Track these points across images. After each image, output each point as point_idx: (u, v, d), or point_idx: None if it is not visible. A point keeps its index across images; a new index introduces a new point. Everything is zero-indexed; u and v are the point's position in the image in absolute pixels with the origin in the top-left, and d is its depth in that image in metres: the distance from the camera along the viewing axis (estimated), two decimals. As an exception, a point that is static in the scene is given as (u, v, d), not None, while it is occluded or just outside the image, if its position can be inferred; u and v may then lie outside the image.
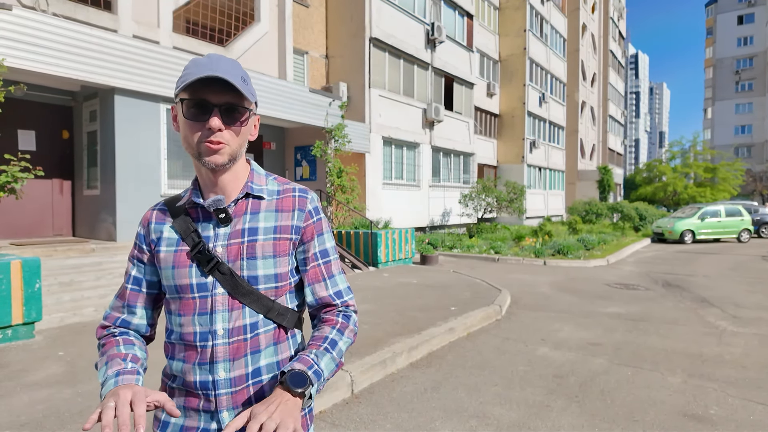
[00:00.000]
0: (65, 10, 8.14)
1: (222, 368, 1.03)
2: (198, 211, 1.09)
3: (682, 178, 35.54)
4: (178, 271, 1.06)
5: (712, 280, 9.32)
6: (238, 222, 1.08)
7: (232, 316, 1.04)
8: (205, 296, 1.04)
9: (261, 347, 1.06)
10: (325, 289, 1.14)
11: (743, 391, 3.81)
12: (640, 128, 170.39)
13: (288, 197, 1.12)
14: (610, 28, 38.40)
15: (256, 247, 1.06)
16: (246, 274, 1.05)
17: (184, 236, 1.07)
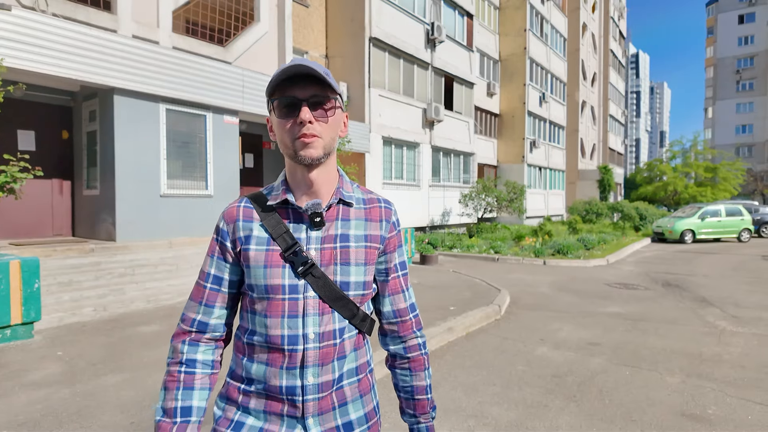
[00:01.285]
0: (65, 10, 8.13)
1: (311, 373, 1.02)
2: (288, 211, 1.09)
3: (683, 177, 35.50)
4: (270, 271, 1.04)
5: (712, 279, 9.31)
6: (330, 227, 1.08)
7: (323, 320, 1.04)
8: (296, 298, 1.03)
9: (346, 352, 1.08)
10: (404, 301, 1.18)
11: (742, 391, 3.81)
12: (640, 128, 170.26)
13: (375, 207, 1.14)
14: (610, 28, 38.38)
15: (350, 253, 1.07)
16: (339, 279, 1.05)
17: (276, 236, 1.05)
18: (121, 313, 5.69)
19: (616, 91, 40.87)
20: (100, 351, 4.42)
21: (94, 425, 3.01)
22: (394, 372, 1.22)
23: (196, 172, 8.50)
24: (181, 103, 8.19)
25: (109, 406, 3.27)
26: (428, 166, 16.53)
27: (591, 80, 34.78)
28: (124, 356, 4.26)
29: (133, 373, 3.83)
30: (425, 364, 1.20)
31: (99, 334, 4.92)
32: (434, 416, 1.21)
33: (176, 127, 8.16)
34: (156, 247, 7.33)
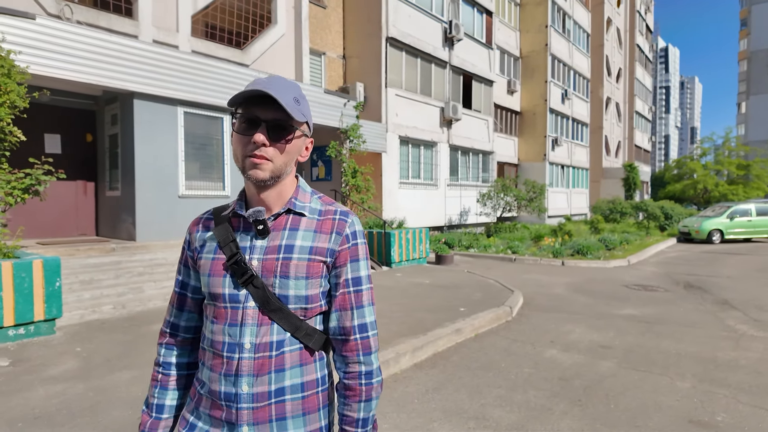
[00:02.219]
0: (89, 18, 8.43)
1: (245, 382, 1.03)
2: (240, 221, 1.11)
3: (713, 175, 34.30)
4: (212, 279, 1.07)
5: (737, 281, 9.01)
6: (276, 236, 1.08)
7: (260, 331, 1.04)
8: (237, 307, 1.05)
9: (286, 366, 1.06)
10: (351, 319, 1.12)
11: (755, 398, 3.70)
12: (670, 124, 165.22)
13: (329, 219, 1.12)
14: (636, 22, 37.35)
15: (290, 267, 1.05)
16: (278, 291, 1.05)
17: (222, 245, 1.08)
18: (139, 311, 5.88)
19: (643, 86, 39.78)
20: (117, 348, 4.58)
21: (104, 420, 3.14)
22: (337, 392, 1.17)
23: (213, 174, 8.69)
24: (198, 106, 8.39)
25: (119, 402, 3.40)
26: (446, 166, 16.46)
27: (616, 76, 33.94)
28: (137, 353, 4.41)
29: (143, 370, 3.96)
30: (361, 396, 1.11)
31: (116, 332, 5.10)
32: None
33: (194, 129, 8.36)
34: (174, 247, 7.54)
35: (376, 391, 1.14)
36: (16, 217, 7.22)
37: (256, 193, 1.07)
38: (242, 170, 1.04)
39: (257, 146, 1.01)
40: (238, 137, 1.04)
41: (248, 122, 1.02)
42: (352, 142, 11.25)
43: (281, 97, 0.99)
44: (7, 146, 5.56)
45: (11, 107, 5.49)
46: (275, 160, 1.03)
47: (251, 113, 1.02)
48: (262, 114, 1.01)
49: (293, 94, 1.04)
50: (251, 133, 1.01)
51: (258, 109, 1.01)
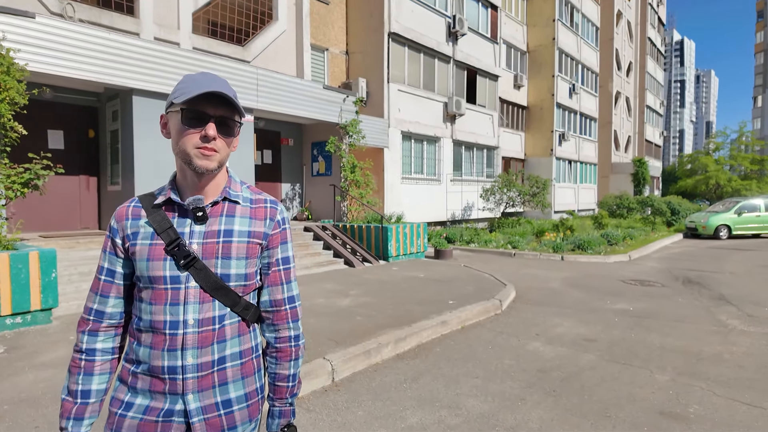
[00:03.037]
0: (91, 16, 8.60)
1: (190, 355, 1.13)
2: (175, 208, 1.19)
3: (726, 170, 33.73)
4: (152, 263, 1.14)
5: (738, 277, 8.91)
6: (214, 222, 1.18)
7: (203, 308, 1.15)
8: (178, 288, 1.14)
9: (227, 337, 1.18)
10: (281, 292, 1.28)
11: (732, 391, 3.70)
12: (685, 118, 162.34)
13: (261, 207, 1.25)
14: (648, 15, 36.76)
15: (231, 248, 1.17)
16: (220, 271, 1.16)
17: (160, 231, 1.15)
18: (135, 302, 6.02)
19: (654, 80, 39.18)
20: (109, 336, 4.72)
21: None
22: (265, 357, 1.31)
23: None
24: (197, 101, 8.50)
25: (104, 387, 3.52)
26: (449, 161, 16.44)
27: (626, 70, 33.48)
28: (128, 342, 4.55)
29: (131, 358, 4.08)
30: (292, 356, 1.29)
31: (111, 321, 5.24)
32: (291, 402, 1.30)
33: (193, 125, 8.48)
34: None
35: (302, 351, 1.33)
36: (21, 211, 7.43)
37: (197, 181, 1.16)
38: (187, 161, 1.12)
39: (208, 140, 1.11)
40: (185, 130, 1.11)
41: (197, 118, 1.11)
42: (352, 137, 11.31)
43: (233, 98, 1.12)
44: (7, 141, 5.73)
45: (11, 104, 5.65)
46: (222, 151, 1.15)
47: (200, 109, 1.10)
48: (211, 110, 1.11)
49: (232, 92, 1.14)
50: (201, 127, 1.11)
51: (207, 106, 1.11)
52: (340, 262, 9.26)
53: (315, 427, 3.15)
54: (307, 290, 6.96)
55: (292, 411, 1.31)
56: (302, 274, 8.30)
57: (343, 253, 9.42)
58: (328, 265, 8.99)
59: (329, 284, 7.43)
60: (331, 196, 11.44)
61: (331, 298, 6.46)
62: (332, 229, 10.31)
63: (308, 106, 10.52)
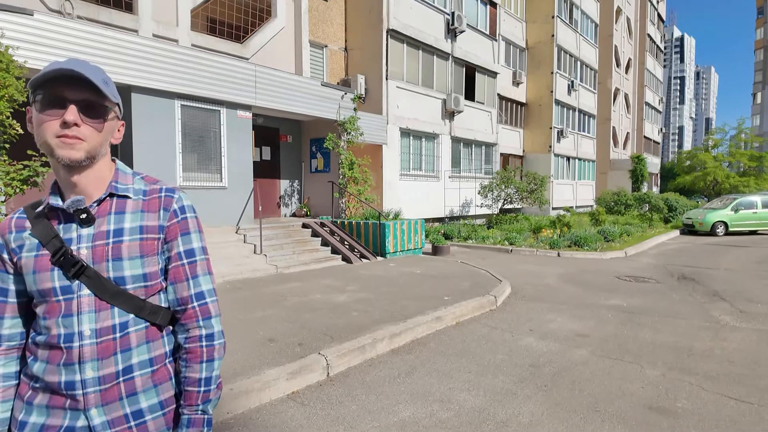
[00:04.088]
0: (89, 13, 8.62)
1: (90, 368, 1.05)
2: (59, 214, 1.10)
3: (724, 167, 33.78)
4: (39, 276, 1.06)
5: (733, 273, 8.98)
6: (102, 223, 1.09)
7: (99, 317, 1.06)
8: (70, 298, 1.06)
9: (132, 345, 1.09)
10: (187, 289, 1.16)
11: (720, 386, 3.77)
12: (684, 115, 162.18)
13: (154, 198, 1.15)
14: (648, 11, 36.71)
15: (122, 249, 1.08)
16: (112, 275, 1.07)
17: (45, 242, 1.07)
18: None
19: (654, 77, 39.16)
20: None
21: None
22: (176, 359, 1.20)
23: (211, 165, 8.87)
24: (196, 99, 8.55)
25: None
26: (448, 157, 16.49)
27: (625, 67, 33.47)
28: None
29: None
30: (202, 357, 1.16)
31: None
32: (203, 409, 1.17)
33: (191, 122, 8.53)
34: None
35: (219, 353, 1.19)
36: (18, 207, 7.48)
37: (69, 177, 1.05)
38: (50, 153, 1.02)
39: (68, 126, 0.99)
40: (43, 118, 1.00)
41: (53, 103, 1.00)
42: (350, 134, 11.35)
43: (93, 77, 1.00)
44: (6, 138, 5.77)
45: (10, 101, 5.68)
46: (90, 139, 1.03)
47: (57, 93, 1.00)
48: (71, 94, 1.00)
49: (101, 76, 1.04)
50: (59, 113, 1.00)
51: (65, 90, 1.00)
52: (337, 258, 9.33)
53: (309, 420, 3.22)
54: (306, 286, 7.02)
55: (205, 420, 1.16)
56: (300, 270, 8.37)
57: (341, 249, 9.48)
58: (326, 261, 9.05)
59: (327, 280, 7.50)
60: (330, 193, 11.49)
61: (328, 293, 6.52)
62: (330, 226, 10.36)
63: (306, 102, 10.55)
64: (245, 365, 3.81)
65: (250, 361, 3.91)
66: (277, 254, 8.68)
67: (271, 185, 11.93)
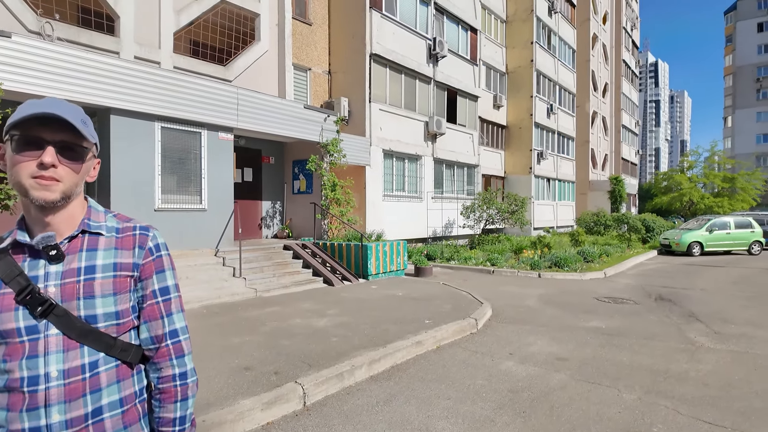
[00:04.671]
0: (70, 35, 8.59)
1: (56, 411, 1.00)
2: (25, 250, 1.06)
3: (699, 188, 34.79)
4: (1, 316, 1.01)
5: (709, 294, 9.16)
6: (73, 260, 1.06)
7: (68, 357, 1.02)
8: (36, 338, 1.01)
9: (102, 385, 1.06)
10: (162, 327, 1.16)
11: (695, 410, 3.80)
12: (660, 137, 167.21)
13: (128, 235, 1.14)
14: (623, 38, 38.10)
15: (95, 286, 1.06)
16: (84, 313, 1.04)
17: (8, 280, 1.03)
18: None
19: (630, 101, 40.43)
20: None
21: None
22: (151, 400, 1.19)
23: (191, 187, 8.79)
24: (176, 121, 8.51)
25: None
26: (430, 179, 16.64)
27: (602, 91, 34.52)
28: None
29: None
30: (177, 396, 1.16)
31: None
32: None
33: (171, 143, 8.47)
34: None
35: (192, 390, 1.19)
36: (-9, 230, 7.27)
37: (42, 217, 1.04)
38: (24, 193, 1.01)
39: (45, 167, 0.99)
40: (18, 159, 1.00)
41: (30, 143, 0.99)
42: (332, 155, 11.40)
43: (72, 118, 1.00)
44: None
45: (-17, 123, 5.59)
46: (66, 180, 1.03)
47: (34, 134, 0.99)
48: (48, 135, 1.00)
49: (79, 116, 1.04)
50: (35, 154, 0.99)
51: (42, 131, 0.99)
52: (319, 280, 9.25)
53: (284, 452, 3.14)
54: (285, 310, 6.93)
55: None
56: (280, 293, 8.26)
57: (323, 271, 9.41)
58: (307, 284, 8.97)
59: (307, 304, 7.41)
60: (312, 214, 11.46)
61: (307, 318, 6.44)
62: (312, 248, 10.30)
63: (289, 125, 10.59)
64: (219, 395, 3.71)
65: (224, 390, 3.82)
66: (256, 277, 8.57)
67: (252, 207, 11.86)
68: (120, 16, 9.17)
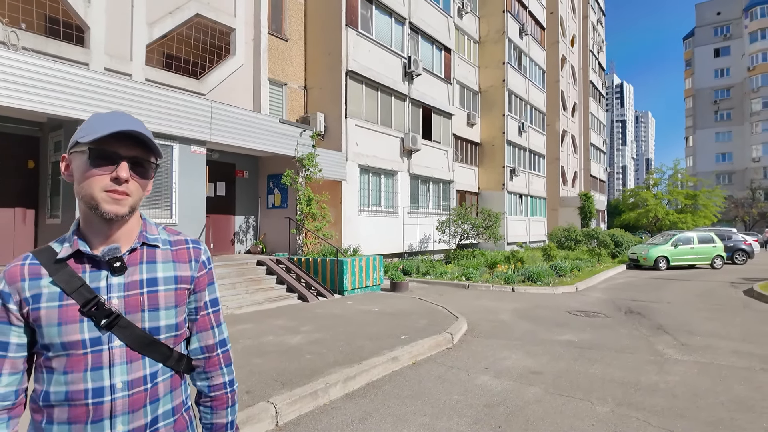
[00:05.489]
0: (36, 45, 8.36)
1: (120, 422, 1.02)
2: (84, 261, 1.06)
3: (664, 204, 36.10)
4: (66, 328, 1.00)
5: (675, 306, 9.43)
6: (134, 272, 1.07)
7: (131, 368, 1.03)
8: (99, 350, 1.01)
9: (160, 396, 1.08)
10: (213, 337, 1.21)
11: (665, 421, 3.87)
12: (627, 155, 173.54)
13: (183, 249, 1.17)
14: (590, 61, 39.65)
15: (159, 298, 1.08)
16: (148, 325, 1.06)
17: (70, 291, 1.02)
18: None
19: (597, 120, 41.89)
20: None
21: None
22: (199, 407, 1.24)
23: (161, 201, 8.57)
24: (148, 133, 8.32)
25: None
26: (406, 194, 16.74)
27: (571, 110, 35.69)
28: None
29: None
30: (228, 402, 1.23)
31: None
32: None
33: (142, 157, 8.26)
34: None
35: (237, 396, 1.28)
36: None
37: (106, 230, 1.05)
38: (93, 206, 1.02)
39: (119, 182, 1.01)
40: (93, 172, 1.01)
41: (106, 158, 1.01)
42: (308, 170, 11.35)
43: (148, 137, 1.04)
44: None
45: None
46: (134, 195, 1.05)
47: (111, 149, 1.01)
48: (123, 151, 1.02)
49: (148, 132, 1.07)
50: (110, 169, 1.01)
51: (118, 146, 1.02)
52: (293, 296, 9.10)
53: (255, 475, 3.03)
54: (257, 328, 6.77)
55: None
56: (253, 310, 8.09)
57: (297, 287, 9.27)
58: (281, 300, 8.81)
59: (281, 320, 7.27)
60: (287, 229, 11.34)
61: (281, 335, 6.31)
62: (286, 263, 10.16)
63: (264, 139, 10.52)
64: (188, 416, 3.57)
65: (193, 411, 3.68)
66: (228, 294, 8.38)
67: (225, 221, 11.65)
68: (90, 27, 9.00)
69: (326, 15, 14.48)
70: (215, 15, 11.28)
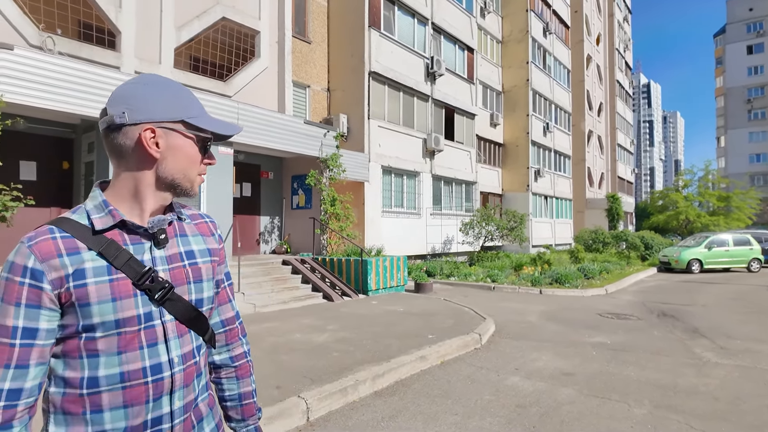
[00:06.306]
0: (71, 49, 8.63)
1: (178, 397, 1.00)
2: (123, 233, 0.98)
3: (695, 207, 34.96)
4: (121, 303, 0.93)
5: (710, 310, 9.10)
6: (172, 244, 1.04)
7: (183, 342, 1.01)
8: (152, 325, 0.97)
9: (201, 370, 1.08)
10: (231, 310, 1.22)
11: (707, 423, 3.71)
12: (654, 157, 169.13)
13: (202, 222, 1.15)
14: (616, 59, 38.80)
15: (201, 270, 1.07)
16: (194, 297, 1.04)
17: (119, 264, 0.94)
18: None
19: (624, 120, 40.94)
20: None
21: None
22: (220, 382, 1.21)
23: (190, 202, 8.72)
24: (177, 134, 8.49)
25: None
26: (429, 195, 16.65)
27: (597, 110, 34.96)
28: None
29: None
30: (251, 370, 1.24)
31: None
32: (260, 416, 1.25)
33: (171, 157, 8.43)
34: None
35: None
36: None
37: (162, 206, 1.03)
38: (187, 188, 1.03)
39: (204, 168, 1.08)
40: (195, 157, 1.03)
41: (206, 148, 1.06)
42: (332, 171, 11.40)
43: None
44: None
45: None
46: None
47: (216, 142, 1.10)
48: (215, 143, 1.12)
49: None
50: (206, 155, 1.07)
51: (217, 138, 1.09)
52: (318, 296, 9.13)
53: (287, 469, 3.02)
54: (284, 326, 6.80)
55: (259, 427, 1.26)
56: (279, 308, 8.13)
57: (322, 287, 9.29)
58: (307, 300, 8.84)
59: (307, 319, 7.29)
60: (311, 230, 11.39)
61: (307, 333, 6.32)
62: (311, 263, 10.20)
63: (289, 139, 10.61)
64: (219, 410, 3.59)
65: (224, 405, 3.70)
66: (254, 292, 8.45)
67: (250, 222, 11.78)
68: (121, 32, 9.24)
69: (349, 17, 14.55)
70: (240, 18, 11.45)
